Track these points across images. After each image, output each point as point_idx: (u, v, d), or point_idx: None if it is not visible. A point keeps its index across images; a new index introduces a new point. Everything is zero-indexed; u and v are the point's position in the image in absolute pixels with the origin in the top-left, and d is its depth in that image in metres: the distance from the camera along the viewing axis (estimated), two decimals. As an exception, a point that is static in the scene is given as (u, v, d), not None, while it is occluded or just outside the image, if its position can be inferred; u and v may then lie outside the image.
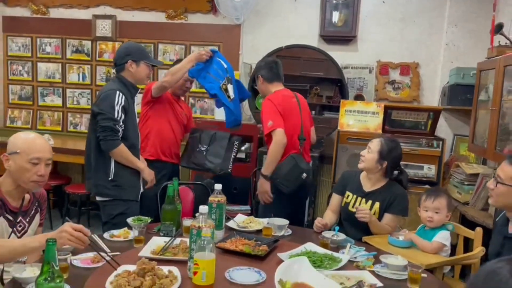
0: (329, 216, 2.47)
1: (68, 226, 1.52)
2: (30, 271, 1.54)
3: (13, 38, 4.86)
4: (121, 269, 1.53)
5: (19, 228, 1.80)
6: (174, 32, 4.53)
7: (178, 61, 3.17)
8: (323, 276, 1.54)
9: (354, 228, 2.34)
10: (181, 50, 4.54)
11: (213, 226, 1.62)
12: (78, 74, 4.79)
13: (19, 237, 1.79)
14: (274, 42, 4.10)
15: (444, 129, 4.06)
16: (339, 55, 4.08)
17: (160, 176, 2.81)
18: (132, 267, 1.53)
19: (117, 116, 2.40)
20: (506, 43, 3.21)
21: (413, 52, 4.11)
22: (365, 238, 2.19)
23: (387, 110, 3.84)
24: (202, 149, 3.14)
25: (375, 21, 4.15)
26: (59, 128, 4.86)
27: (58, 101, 4.86)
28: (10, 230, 1.75)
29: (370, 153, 2.34)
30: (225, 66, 3.01)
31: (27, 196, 1.81)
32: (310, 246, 1.90)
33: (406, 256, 1.86)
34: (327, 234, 2.11)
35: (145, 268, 1.49)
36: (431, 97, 4.13)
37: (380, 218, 2.31)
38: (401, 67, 4.16)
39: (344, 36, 4.18)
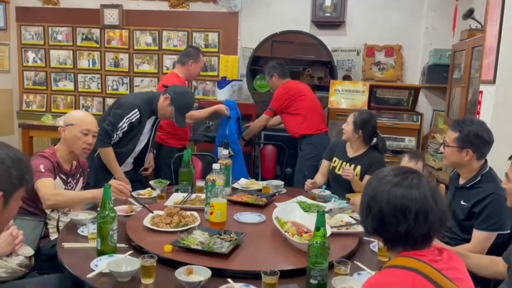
0: (318, 178, 2.92)
1: (114, 182, 1.95)
2: (83, 215, 1.98)
3: (26, 27, 5.20)
4: (151, 214, 1.96)
5: (69, 188, 2.23)
6: (176, 20, 4.88)
7: (192, 48, 3.57)
8: (311, 216, 1.98)
9: (340, 188, 2.78)
10: (184, 37, 4.91)
11: (224, 179, 2.05)
12: (88, 60, 5.16)
13: None
14: (270, 28, 4.44)
15: (424, 105, 4.49)
16: (329, 39, 4.45)
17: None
18: (161, 212, 1.97)
19: (120, 125, 2.60)
20: (476, 26, 3.60)
21: (396, 36, 4.50)
22: (348, 195, 2.63)
23: (372, 89, 4.26)
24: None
25: (361, 7, 4.53)
26: (71, 111, 5.24)
27: (70, 86, 5.24)
28: (64, 187, 2.19)
29: (347, 125, 2.78)
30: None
31: (74, 163, 2.24)
32: (301, 198, 2.34)
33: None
34: (316, 190, 2.56)
35: (172, 212, 1.93)
36: (413, 77, 4.55)
37: (361, 179, 2.75)
38: (386, 50, 4.55)
39: (333, 22, 4.56)
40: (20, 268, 1.67)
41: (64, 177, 2.12)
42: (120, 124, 2.60)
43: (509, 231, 1.95)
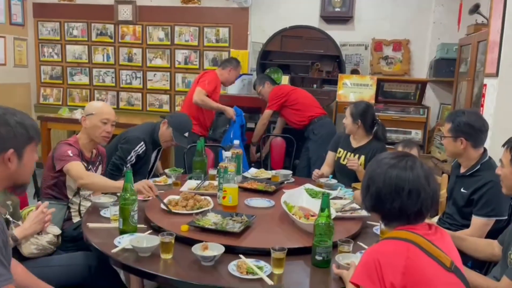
0: (325, 169, 3.03)
1: (145, 182, 2.10)
2: (104, 199, 2.12)
3: (43, 23, 5.38)
4: (168, 198, 2.10)
5: None
6: (188, 15, 5.01)
7: (234, 59, 4.07)
8: (317, 201, 2.10)
9: (345, 177, 2.89)
10: (195, 32, 5.03)
11: (235, 166, 2.18)
12: (103, 55, 5.32)
13: None
14: (279, 23, 4.56)
15: (431, 98, 4.56)
16: (338, 33, 4.55)
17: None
18: (177, 197, 2.10)
19: (128, 158, 2.73)
20: (482, 21, 3.67)
21: (404, 30, 4.57)
22: (353, 184, 2.74)
23: (380, 83, 4.35)
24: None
25: (370, 2, 4.61)
26: (87, 104, 5.40)
27: (85, 80, 5.40)
28: None
29: (346, 119, 2.91)
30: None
31: (94, 151, 2.39)
32: (308, 186, 2.46)
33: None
34: (323, 179, 2.67)
35: (187, 196, 2.06)
36: (420, 71, 4.62)
37: (365, 168, 2.86)
38: (394, 44, 4.63)
39: (342, 17, 4.65)
40: (49, 246, 1.82)
41: (85, 164, 2.27)
42: (128, 157, 2.73)
43: (506, 217, 2.05)
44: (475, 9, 3.66)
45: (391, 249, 1.20)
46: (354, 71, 4.61)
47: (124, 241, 1.67)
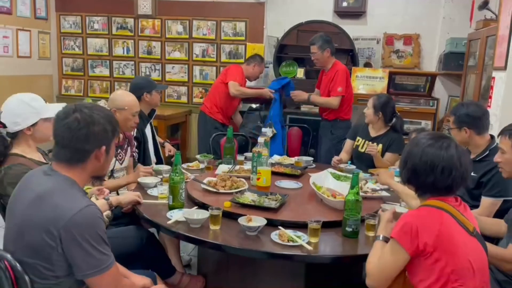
0: (343, 155, 3.25)
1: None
2: (149, 180, 2.34)
3: (65, 17, 5.58)
4: (206, 180, 2.32)
5: (119, 157, 2.59)
6: (206, 9, 5.19)
7: (259, 56, 4.23)
8: (342, 184, 2.31)
9: (362, 164, 3.11)
10: (213, 26, 5.22)
11: (267, 151, 2.40)
12: (123, 48, 5.52)
13: (120, 164, 2.58)
14: (294, 18, 4.74)
15: (440, 91, 4.76)
16: (351, 28, 4.73)
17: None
18: (214, 179, 2.32)
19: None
20: (491, 16, 3.85)
21: (414, 25, 4.75)
22: (370, 170, 2.95)
23: (391, 75, 4.54)
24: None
25: (382, -2, 4.79)
26: (108, 95, 5.58)
27: (106, 72, 5.61)
28: (114, 159, 2.54)
29: (368, 109, 3.11)
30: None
31: (121, 135, 2.58)
32: (331, 170, 2.67)
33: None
34: (342, 165, 2.89)
35: (224, 178, 2.28)
36: (430, 64, 4.81)
37: (382, 156, 3.07)
38: (404, 38, 4.81)
39: (355, 12, 4.83)
40: (107, 220, 2.04)
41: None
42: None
43: None
44: (484, 5, 3.85)
45: (428, 215, 1.42)
46: (367, 64, 4.80)
47: (176, 215, 1.90)
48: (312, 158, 3.05)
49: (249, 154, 2.85)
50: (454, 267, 1.40)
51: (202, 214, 1.85)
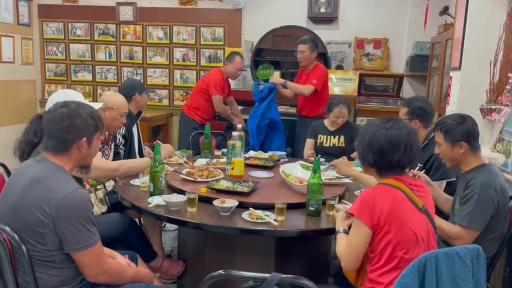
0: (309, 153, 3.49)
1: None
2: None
3: (47, 23, 5.71)
4: (185, 171, 2.51)
5: (106, 152, 2.76)
6: (186, 16, 5.40)
7: (232, 52, 4.32)
8: (309, 172, 2.53)
9: (329, 158, 3.32)
10: (192, 31, 5.43)
11: (241, 143, 2.60)
12: (105, 53, 5.68)
13: (106, 159, 2.75)
14: (270, 23, 4.99)
15: (408, 91, 5.05)
16: (324, 33, 5.00)
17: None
18: (192, 170, 2.52)
19: (118, 142, 2.99)
20: (451, 21, 4.15)
21: (383, 30, 5.05)
22: (330, 163, 3.17)
23: (362, 77, 4.82)
24: None
25: (352, 3, 5.07)
26: (90, 99, 5.76)
27: (88, 77, 5.76)
28: (101, 154, 2.70)
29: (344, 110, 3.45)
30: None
31: (106, 133, 2.75)
32: (301, 162, 2.90)
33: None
34: (312, 158, 3.12)
35: (201, 168, 2.48)
36: (398, 66, 5.11)
37: (348, 147, 3.33)
38: (374, 42, 5.10)
39: (327, 17, 5.11)
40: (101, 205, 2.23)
41: (100, 145, 2.65)
42: (117, 141, 2.98)
43: (455, 178, 2.44)
44: (445, 10, 4.16)
45: (383, 192, 1.60)
46: (339, 67, 5.07)
47: (156, 199, 2.09)
48: (285, 153, 3.28)
49: (226, 150, 3.05)
50: (400, 239, 1.58)
51: (181, 198, 2.05)
